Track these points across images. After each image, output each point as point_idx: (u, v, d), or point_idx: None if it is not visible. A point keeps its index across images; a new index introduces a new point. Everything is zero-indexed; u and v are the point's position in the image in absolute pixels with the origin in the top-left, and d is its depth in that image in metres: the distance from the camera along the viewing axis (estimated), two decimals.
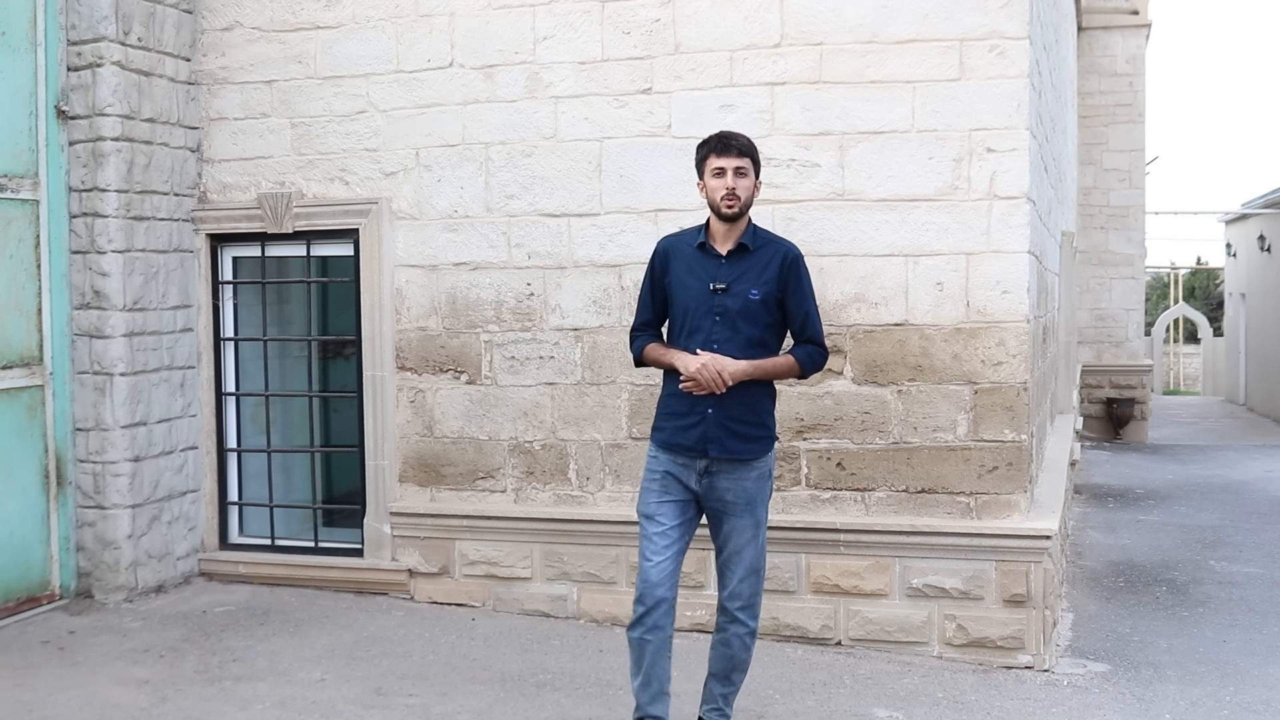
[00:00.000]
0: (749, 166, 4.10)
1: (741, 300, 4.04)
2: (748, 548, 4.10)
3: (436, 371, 6.23)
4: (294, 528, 6.75)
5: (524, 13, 5.98)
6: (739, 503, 4.07)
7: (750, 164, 4.10)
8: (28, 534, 5.95)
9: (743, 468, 4.06)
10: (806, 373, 4.17)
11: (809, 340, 4.15)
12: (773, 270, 4.07)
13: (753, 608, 4.17)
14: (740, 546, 4.10)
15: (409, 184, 6.22)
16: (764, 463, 4.11)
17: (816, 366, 4.18)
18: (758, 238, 4.14)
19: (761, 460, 4.09)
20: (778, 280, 4.07)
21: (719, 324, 4.04)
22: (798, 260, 4.12)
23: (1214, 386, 27.69)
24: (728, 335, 4.04)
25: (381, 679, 5.07)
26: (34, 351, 5.99)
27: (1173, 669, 5.61)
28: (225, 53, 6.49)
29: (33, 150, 5.96)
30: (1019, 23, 5.39)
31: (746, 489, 4.08)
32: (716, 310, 4.05)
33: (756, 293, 4.04)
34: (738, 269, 4.08)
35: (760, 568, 4.15)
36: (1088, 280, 16.36)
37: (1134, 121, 16.82)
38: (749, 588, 4.13)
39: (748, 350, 4.03)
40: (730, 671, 4.23)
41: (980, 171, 5.45)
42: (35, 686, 4.88)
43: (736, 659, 4.21)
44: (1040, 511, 5.72)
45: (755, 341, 4.05)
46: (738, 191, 4.04)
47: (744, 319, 4.04)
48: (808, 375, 4.20)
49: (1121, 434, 16.55)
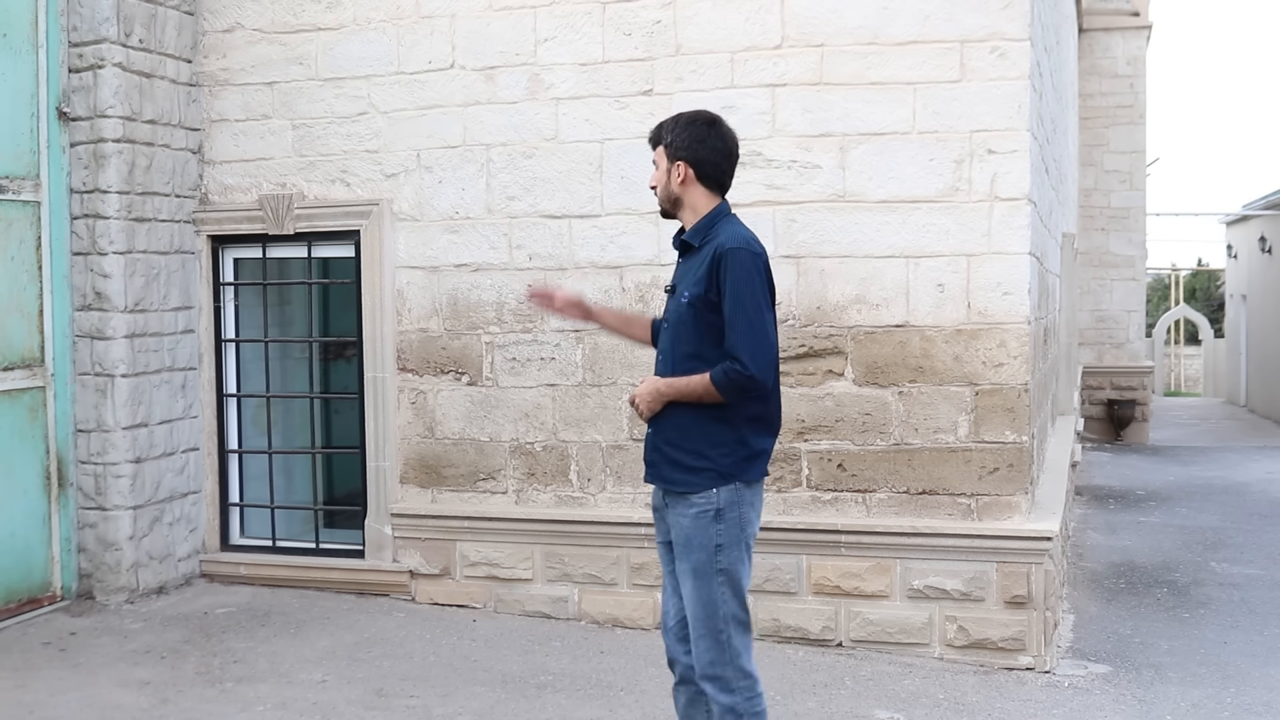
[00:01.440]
0: (659, 155, 3.62)
1: (676, 304, 3.53)
2: (692, 602, 3.48)
3: (438, 373, 6.23)
4: (295, 529, 6.75)
5: (525, 14, 5.98)
6: (678, 543, 3.52)
7: (662, 151, 3.61)
8: (29, 535, 5.95)
9: (680, 502, 3.49)
10: (725, 395, 3.39)
11: (728, 352, 3.39)
12: (704, 267, 3.45)
13: (718, 680, 3.47)
14: (687, 599, 3.51)
15: (410, 185, 6.23)
16: (705, 500, 3.44)
17: (734, 386, 3.37)
18: (708, 233, 3.53)
19: (702, 496, 3.44)
20: (707, 279, 3.42)
21: (666, 331, 3.60)
22: (728, 255, 3.40)
23: (1215, 388, 27.68)
24: (668, 345, 3.57)
25: (382, 680, 5.07)
26: (35, 353, 5.99)
27: (1174, 670, 5.61)
28: (226, 54, 6.50)
29: (34, 152, 5.97)
30: (1020, 24, 5.40)
31: (683, 527, 3.48)
32: (666, 317, 3.63)
33: (687, 295, 3.48)
34: (685, 268, 3.60)
35: (716, 630, 3.45)
36: (1089, 282, 16.35)
37: (1135, 123, 16.82)
38: (704, 653, 3.48)
39: (683, 364, 3.48)
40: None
41: (981, 173, 5.45)
42: (36, 688, 4.88)
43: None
44: (1041, 513, 5.72)
45: (690, 354, 3.47)
46: (650, 184, 3.68)
47: (681, 327, 3.50)
48: (730, 400, 3.41)
49: (1122, 435, 16.55)
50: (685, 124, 3.60)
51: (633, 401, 3.60)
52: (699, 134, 3.57)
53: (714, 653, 3.47)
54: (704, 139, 3.57)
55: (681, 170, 3.57)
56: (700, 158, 3.57)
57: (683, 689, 3.70)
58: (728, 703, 3.47)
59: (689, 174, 3.57)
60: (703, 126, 3.59)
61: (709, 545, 3.46)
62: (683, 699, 3.71)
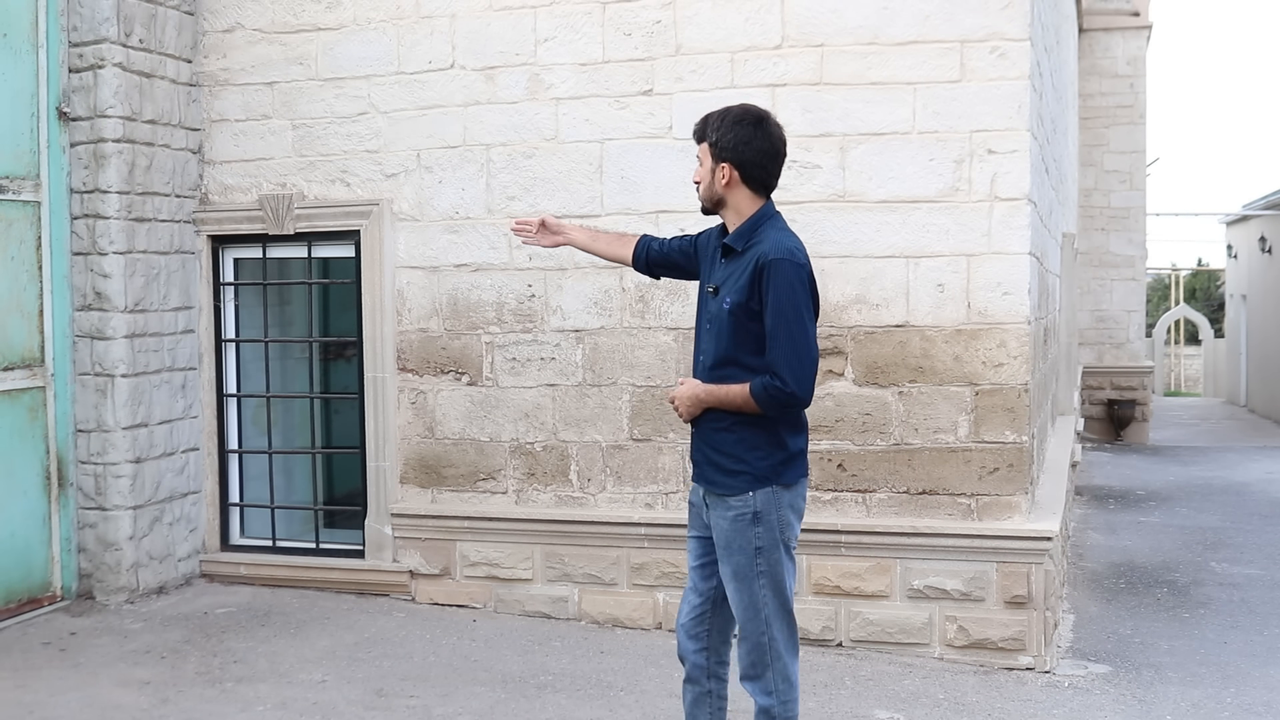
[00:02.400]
0: (704, 153, 3.55)
1: (719, 308, 3.49)
2: (735, 604, 3.51)
3: (438, 373, 6.23)
4: (295, 529, 6.75)
5: (525, 14, 5.98)
6: (719, 545, 3.52)
7: (706, 149, 3.54)
8: (29, 535, 5.95)
9: (720, 504, 3.50)
10: (763, 408, 3.39)
11: (769, 367, 3.39)
12: (746, 275, 3.42)
13: (758, 680, 3.49)
14: (731, 599, 3.54)
15: (410, 185, 6.23)
16: (743, 503, 3.45)
17: (774, 402, 3.37)
18: (751, 237, 3.49)
19: (739, 499, 3.45)
20: (749, 288, 3.40)
21: (707, 333, 3.56)
22: (771, 265, 3.36)
23: (1215, 388, 27.68)
24: (710, 348, 3.54)
25: (383, 680, 5.07)
26: (35, 353, 5.99)
27: (1174, 670, 5.61)
28: (226, 54, 6.50)
29: (34, 152, 5.97)
30: (1020, 24, 5.40)
31: (723, 530, 3.49)
32: (706, 316, 3.58)
33: (729, 301, 3.45)
34: (726, 271, 3.53)
35: (758, 632, 3.47)
36: (1089, 282, 16.35)
37: (1135, 123, 16.82)
38: (746, 654, 3.51)
39: (721, 370, 3.49)
40: None
41: (981, 173, 5.45)
42: (36, 688, 4.88)
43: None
44: (1041, 513, 5.72)
45: (727, 360, 3.47)
46: (694, 179, 3.62)
47: (723, 331, 3.48)
48: (767, 412, 3.41)
49: (1122, 435, 16.55)
50: (732, 122, 3.49)
51: (672, 402, 3.61)
52: (745, 134, 3.48)
53: (755, 654, 3.49)
54: (750, 140, 3.48)
55: (726, 172, 3.50)
56: (745, 159, 3.49)
57: (690, 686, 3.71)
58: (764, 704, 3.49)
59: (734, 176, 3.50)
60: (749, 127, 3.49)
61: (748, 548, 3.46)
62: (689, 696, 3.73)
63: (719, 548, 3.53)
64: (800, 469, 3.55)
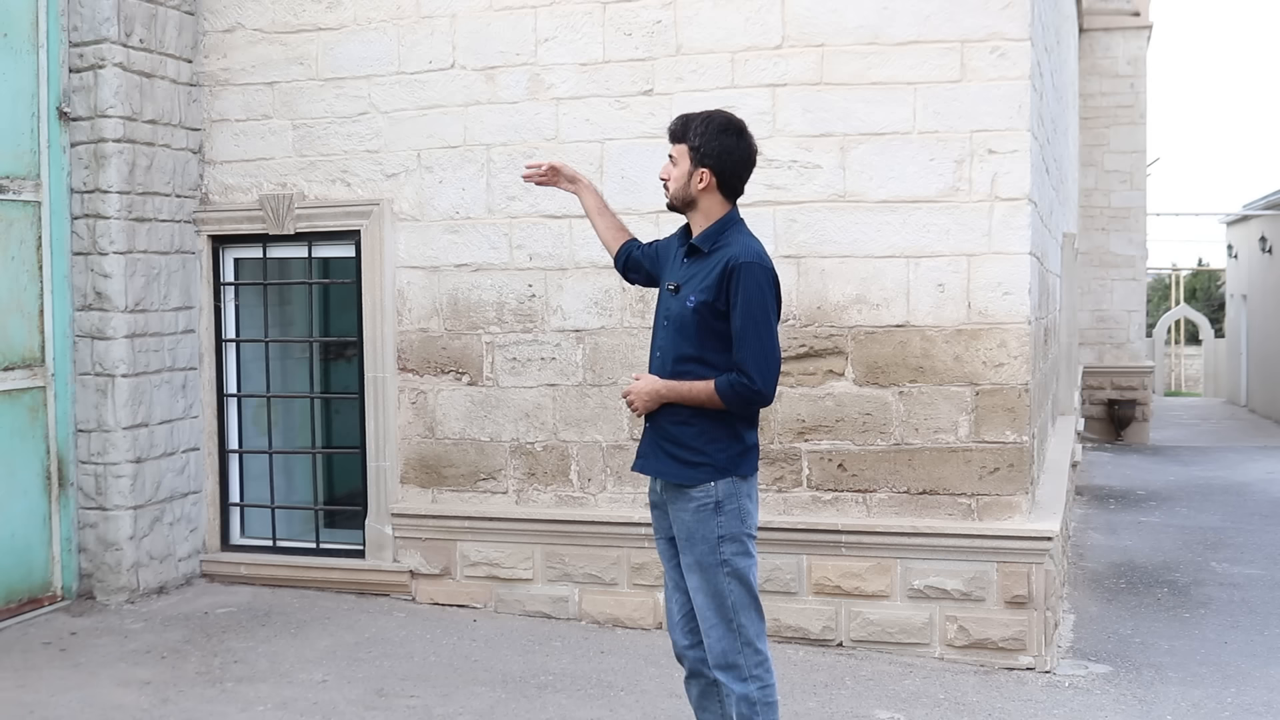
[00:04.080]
0: (680, 153, 3.59)
1: (681, 306, 3.55)
2: (698, 594, 3.56)
3: (438, 373, 6.23)
4: (295, 529, 6.75)
5: (525, 14, 5.98)
6: (680, 537, 3.58)
7: (685, 150, 3.58)
8: (29, 535, 5.95)
9: (680, 496, 3.56)
10: (728, 405, 3.48)
11: (736, 365, 3.47)
12: (714, 276, 3.49)
13: (733, 668, 3.54)
14: (694, 591, 3.58)
15: (410, 185, 6.23)
16: (704, 494, 3.51)
17: (739, 399, 3.46)
18: (718, 240, 3.57)
19: (701, 490, 3.51)
20: (716, 288, 3.48)
21: (665, 329, 3.62)
22: (741, 268, 3.45)
23: (1215, 388, 27.69)
24: (668, 344, 3.60)
25: (383, 680, 5.07)
26: (36, 353, 5.99)
27: (1174, 670, 5.61)
28: (227, 54, 6.50)
29: (34, 152, 5.97)
30: (1020, 24, 5.40)
31: (685, 521, 3.55)
32: (665, 314, 3.64)
33: (693, 299, 3.51)
34: (690, 270, 3.60)
35: (726, 619, 3.53)
36: (1089, 282, 16.36)
37: (1135, 123, 16.83)
38: (716, 642, 3.55)
39: (682, 366, 3.55)
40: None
41: (981, 173, 5.45)
42: (37, 688, 4.88)
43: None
44: (1041, 513, 5.72)
45: (690, 357, 3.53)
46: (661, 176, 3.66)
47: (683, 328, 3.54)
48: (732, 409, 3.50)
49: (1123, 435, 16.55)
50: (717, 131, 3.57)
51: (626, 396, 3.65)
52: (729, 144, 3.57)
53: (726, 641, 3.54)
54: (732, 150, 3.58)
55: (705, 178, 3.58)
56: (725, 168, 3.58)
57: (694, 682, 3.75)
58: (742, 692, 3.54)
59: (712, 182, 3.58)
60: (733, 137, 3.58)
61: (710, 538, 3.53)
62: (695, 691, 3.76)
63: (680, 540, 3.60)
64: (754, 463, 3.63)
